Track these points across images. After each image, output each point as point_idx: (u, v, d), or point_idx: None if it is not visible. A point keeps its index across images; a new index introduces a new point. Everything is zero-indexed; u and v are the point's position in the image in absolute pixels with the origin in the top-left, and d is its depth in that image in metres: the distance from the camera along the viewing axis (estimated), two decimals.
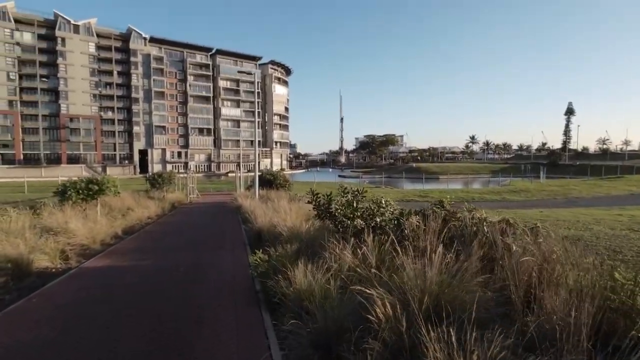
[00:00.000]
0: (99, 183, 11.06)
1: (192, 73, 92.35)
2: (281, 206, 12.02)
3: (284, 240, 7.08)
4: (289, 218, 8.64)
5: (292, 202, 13.34)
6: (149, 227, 12.29)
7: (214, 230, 11.54)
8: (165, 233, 11.18)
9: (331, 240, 5.18)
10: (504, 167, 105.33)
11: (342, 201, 5.76)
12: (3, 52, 72.07)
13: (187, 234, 10.85)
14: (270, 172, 19.71)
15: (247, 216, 11.93)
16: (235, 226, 12.31)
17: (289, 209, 10.78)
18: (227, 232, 11.05)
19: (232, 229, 11.64)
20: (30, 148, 76.58)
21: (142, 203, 15.39)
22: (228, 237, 10.23)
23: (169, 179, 21.85)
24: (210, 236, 10.48)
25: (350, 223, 5.45)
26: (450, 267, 3.82)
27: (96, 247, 8.46)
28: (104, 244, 9.10)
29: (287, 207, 11.87)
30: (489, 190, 37.11)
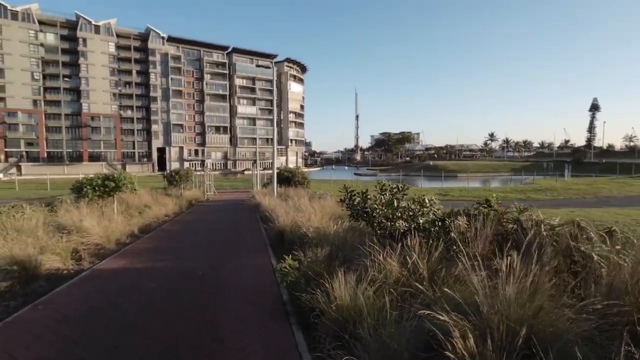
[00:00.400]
0: (116, 180, 10.69)
1: (209, 71, 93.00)
2: (302, 204, 11.37)
3: (310, 242, 6.43)
4: (313, 217, 7.98)
5: (313, 200, 12.68)
6: (166, 226, 11.87)
7: (232, 229, 10.99)
8: (182, 232, 10.70)
9: (369, 244, 4.49)
10: (525, 165, 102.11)
11: (381, 200, 5.04)
12: (27, 53, 74.19)
13: (205, 233, 10.34)
14: (288, 169, 19.15)
15: (266, 215, 11.34)
16: (255, 225, 11.74)
17: (311, 208, 10.13)
18: (246, 232, 10.48)
19: (251, 228, 11.07)
20: (54, 146, 78.74)
21: (160, 200, 15.05)
22: (248, 237, 9.65)
23: (186, 176, 21.59)
24: (229, 236, 9.93)
25: (390, 225, 4.74)
26: (522, 281, 3.05)
27: (111, 247, 8.02)
28: (119, 243, 8.67)
29: (308, 205, 11.21)
30: (512, 189, 35.53)
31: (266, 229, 9.85)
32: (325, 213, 8.71)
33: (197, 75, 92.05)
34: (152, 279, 5.83)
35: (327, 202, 12.00)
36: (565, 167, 60.11)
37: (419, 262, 3.79)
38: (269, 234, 9.27)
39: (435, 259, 4.01)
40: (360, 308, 3.11)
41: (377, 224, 4.83)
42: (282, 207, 11.15)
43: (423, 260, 3.88)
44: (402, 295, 3.42)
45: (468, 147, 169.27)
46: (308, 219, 7.87)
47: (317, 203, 11.62)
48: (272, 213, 10.81)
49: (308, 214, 8.84)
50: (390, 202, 4.92)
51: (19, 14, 72.69)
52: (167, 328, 3.98)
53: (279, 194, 17.23)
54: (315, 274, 4.24)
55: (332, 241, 5.68)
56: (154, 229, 11.05)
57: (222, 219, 13.56)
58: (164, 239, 9.46)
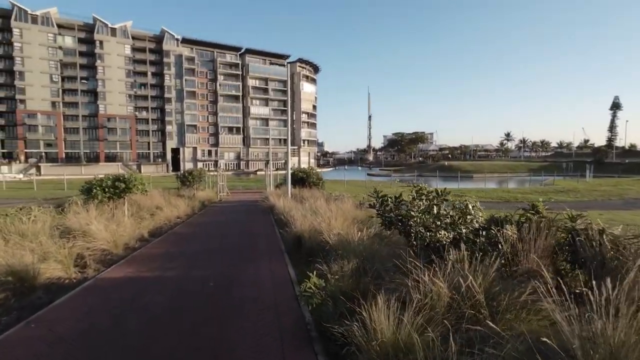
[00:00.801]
0: (126, 181, 10.28)
1: (222, 72, 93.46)
2: (319, 207, 10.74)
3: (331, 251, 5.79)
4: (333, 222, 7.33)
5: (330, 202, 12.04)
6: (178, 229, 11.40)
7: (246, 233, 10.43)
8: (194, 236, 10.20)
9: (406, 258, 3.82)
10: (543, 165, 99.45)
11: (419, 205, 4.34)
12: (47, 56, 75.91)
13: (217, 238, 9.80)
14: (303, 170, 18.54)
15: (282, 218, 10.74)
16: (269, 229, 11.16)
17: (329, 211, 9.50)
18: (261, 236, 9.89)
19: (266, 233, 10.48)
20: (72, 147, 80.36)
21: (172, 202, 14.65)
22: (263, 243, 9.05)
23: (199, 176, 21.25)
24: (242, 240, 9.36)
25: (430, 236, 4.05)
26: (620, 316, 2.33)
27: (119, 252, 7.55)
28: (128, 247, 8.21)
29: (326, 207, 10.59)
30: (533, 190, 34.09)
31: (282, 233, 9.26)
32: (346, 217, 8.05)
33: (210, 76, 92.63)
34: (160, 291, 5.28)
35: (345, 205, 11.34)
36: (587, 167, 58.03)
37: (473, 283, 3.09)
38: (285, 238, 8.65)
39: (490, 278, 3.31)
40: (411, 346, 2.44)
41: (414, 234, 4.15)
42: (298, 209, 10.55)
43: (477, 279, 3.19)
44: (455, 326, 2.74)
45: (483, 147, 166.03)
46: (328, 224, 7.23)
47: (335, 205, 10.97)
48: (287, 216, 10.21)
49: (327, 218, 8.20)
50: (429, 209, 4.22)
51: (38, 17, 74.46)
52: (173, 354, 3.41)
53: (294, 195, 16.65)
54: (345, 295, 3.58)
55: (358, 251, 5.02)
56: (165, 232, 10.58)
57: (235, 222, 13.03)
58: (174, 244, 8.96)
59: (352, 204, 11.54)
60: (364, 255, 4.76)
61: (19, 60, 73.56)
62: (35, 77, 74.71)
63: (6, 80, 73.95)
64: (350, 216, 8.54)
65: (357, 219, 8.43)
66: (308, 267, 6.39)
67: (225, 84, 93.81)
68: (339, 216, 8.08)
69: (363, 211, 11.37)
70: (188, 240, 9.40)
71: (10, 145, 75.69)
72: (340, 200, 12.57)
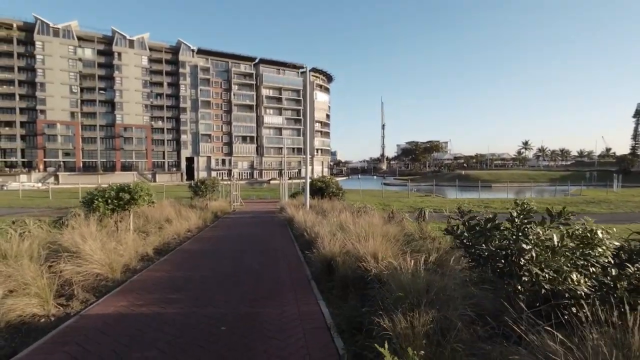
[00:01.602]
0: (131, 191, 9.19)
1: (237, 82, 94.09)
2: (345, 221, 9.41)
3: (375, 282, 4.45)
4: (371, 244, 5.97)
5: (357, 215, 10.68)
6: (187, 244, 10.21)
7: (262, 253, 9.09)
8: (204, 255, 8.95)
9: (498, 305, 2.47)
10: (564, 174, 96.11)
11: (536, 233, 2.91)
12: (67, 68, 77.77)
13: (230, 258, 8.52)
14: (322, 179, 17.20)
15: (304, 235, 9.42)
16: (289, 247, 9.82)
17: (360, 227, 8.16)
18: (280, 257, 8.55)
19: (286, 252, 9.14)
20: (89, 156, 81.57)
21: (183, 213, 13.55)
22: (284, 266, 7.69)
23: (212, 186, 20.23)
24: (259, 262, 8.02)
25: (551, 279, 2.66)
26: None
27: (115, 277, 6.36)
28: (128, 269, 7.03)
29: (351, 221, 9.25)
30: (560, 201, 31.87)
31: (306, 254, 7.94)
32: (384, 236, 6.67)
33: (225, 86, 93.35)
34: (156, 339, 4.02)
35: (373, 219, 9.95)
36: (614, 177, 55.30)
37: None
38: (309, 261, 7.31)
39: None
40: None
41: (528, 277, 2.75)
42: (322, 224, 9.24)
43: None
44: None
45: (499, 156, 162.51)
46: (365, 246, 5.88)
47: (364, 219, 9.61)
48: (310, 232, 8.90)
49: (360, 236, 6.86)
50: (557, 247, 2.77)
51: (60, 30, 76.62)
52: None
53: (312, 206, 15.36)
54: None
55: (419, 289, 3.66)
56: (172, 249, 9.39)
57: (250, 237, 11.76)
58: (180, 265, 7.73)
59: (380, 218, 10.15)
60: (433, 299, 3.40)
61: (41, 72, 75.60)
62: (55, 88, 76.55)
63: (28, 92, 75.97)
64: (393, 234, 7.16)
65: (395, 237, 7.05)
66: (344, 301, 5.03)
67: (239, 94, 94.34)
68: (377, 235, 6.71)
69: (394, 226, 9.97)
70: (197, 261, 8.16)
71: (30, 154, 77.32)
72: (367, 214, 11.19)
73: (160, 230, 10.68)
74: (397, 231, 8.42)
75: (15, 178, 71.47)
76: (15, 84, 75.13)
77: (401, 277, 4.11)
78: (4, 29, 73.27)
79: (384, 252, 5.51)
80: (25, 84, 76.39)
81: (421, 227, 8.34)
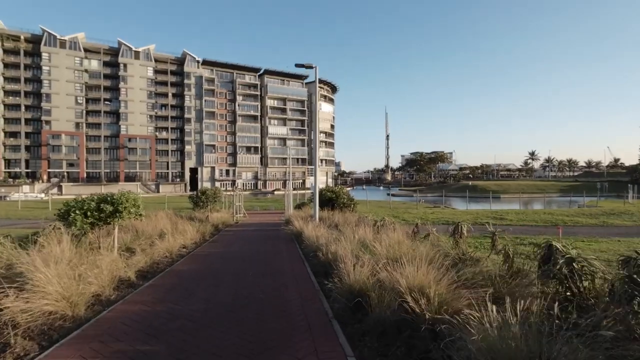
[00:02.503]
0: (114, 202, 7.81)
1: (241, 93, 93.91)
2: (366, 238, 7.93)
3: (425, 330, 2.98)
4: (411, 272, 4.48)
5: (378, 231, 9.18)
6: (179, 265, 8.72)
7: (269, 278, 7.46)
8: (198, 278, 7.43)
9: None
10: (574, 185, 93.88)
11: None
12: (73, 79, 77.98)
13: (229, 283, 6.97)
14: (331, 189, 15.66)
15: (317, 255, 7.91)
16: (299, 270, 8.22)
17: (387, 245, 6.69)
18: (289, 285, 6.87)
19: (296, 277, 7.46)
20: (93, 167, 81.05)
21: (179, 226, 12.14)
22: (295, 299, 5.98)
23: (214, 196, 18.85)
24: (264, 292, 6.40)
25: None
26: None
27: (78, 314, 4.90)
28: (99, 300, 5.58)
29: (371, 237, 7.78)
30: (578, 212, 29.97)
31: (319, 278, 6.42)
32: (424, 259, 5.17)
33: (229, 96, 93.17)
34: None
35: (397, 235, 8.45)
36: (629, 187, 53.53)
37: None
38: (327, 290, 5.78)
39: None
40: None
41: None
42: (338, 241, 7.75)
43: None
44: None
45: (505, 167, 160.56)
46: (403, 274, 4.40)
47: (386, 236, 8.11)
48: (326, 252, 7.41)
49: (390, 258, 5.39)
50: None
51: (66, 42, 77.10)
52: None
53: (322, 218, 13.87)
54: None
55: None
56: (161, 270, 7.91)
57: (253, 255, 10.24)
58: (167, 294, 6.23)
59: (404, 233, 8.63)
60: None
61: (47, 83, 75.81)
62: (61, 99, 76.62)
63: (33, 102, 76.07)
64: (419, 255, 5.66)
65: (435, 260, 5.55)
66: (385, 358, 3.54)
67: (244, 104, 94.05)
68: (408, 256, 5.22)
69: (425, 244, 8.47)
70: (188, 287, 6.66)
71: (34, 165, 76.96)
72: (385, 227, 9.67)
73: (152, 247, 9.26)
74: (433, 252, 6.91)
75: (19, 189, 70.88)
76: (21, 95, 75.34)
77: (487, 336, 2.64)
78: (12, 40, 73.84)
79: (433, 285, 4.02)
80: (31, 95, 76.57)
81: (460, 246, 6.84)
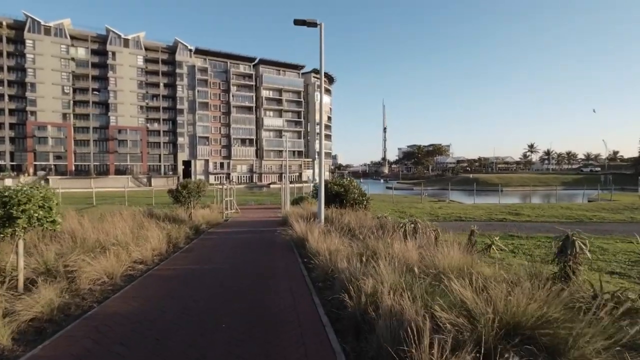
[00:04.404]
0: (7, 203, 5.08)
1: (235, 83, 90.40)
2: (409, 257, 5.31)
3: None
4: None
5: (418, 239, 6.53)
6: (116, 301, 5.51)
7: (254, 335, 4.31)
8: (126, 343, 4.18)
9: None
10: (576, 177, 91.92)
11: None
12: (59, 68, 74.18)
13: (192, 343, 4.23)
14: (339, 182, 12.79)
15: (333, 284, 5.21)
16: (308, 318, 4.76)
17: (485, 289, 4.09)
18: (293, 340, 4.19)
19: (304, 335, 4.28)
20: (82, 159, 77.72)
21: (143, 230, 9.39)
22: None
23: (197, 191, 16.11)
24: None
25: None
26: None
27: None
28: None
29: (417, 258, 5.17)
30: (598, 207, 27.54)
31: (350, 339, 3.75)
32: None
33: (223, 87, 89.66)
34: None
35: (452, 251, 5.80)
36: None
37: None
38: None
39: None
40: None
41: None
42: (371, 265, 5.11)
43: None
44: None
45: (503, 160, 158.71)
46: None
47: (438, 251, 5.47)
48: (357, 295, 4.73)
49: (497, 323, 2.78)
50: None
51: (51, 29, 73.12)
52: None
53: (327, 219, 11.17)
54: None
55: None
56: (78, 316, 5.16)
57: (233, 280, 6.77)
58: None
59: (460, 248, 5.94)
60: None
61: (31, 71, 72.01)
62: (46, 89, 72.91)
63: (17, 92, 72.34)
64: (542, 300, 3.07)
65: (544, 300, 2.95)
66: None
67: (238, 95, 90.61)
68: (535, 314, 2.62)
69: (487, 263, 5.86)
70: None
71: (19, 157, 73.51)
72: (417, 233, 6.97)
73: (91, 264, 6.50)
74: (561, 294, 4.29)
75: (4, 182, 67.54)
76: (4, 84, 71.51)
77: None
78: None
79: None
80: (15, 84, 72.76)
81: (577, 275, 4.23)
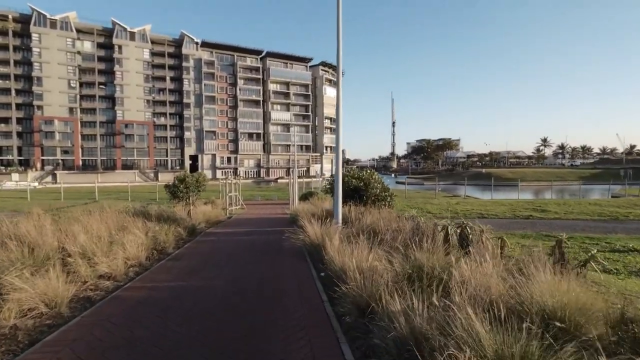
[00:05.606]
0: None
1: (242, 77, 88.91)
2: (489, 284, 3.74)
3: None
4: None
5: (477, 253, 4.90)
6: (36, 354, 3.51)
7: None
8: None
9: None
10: (594, 172, 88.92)
11: None
12: (65, 62, 73.56)
13: None
14: (358, 175, 11.06)
15: (377, 345, 3.65)
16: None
17: None
18: None
19: None
20: (89, 154, 77.35)
21: (127, 233, 7.97)
22: None
23: (197, 185, 14.71)
24: None
25: None
26: None
27: None
28: None
29: (504, 290, 3.59)
30: (629, 203, 25.22)
31: None
32: None
33: (230, 80, 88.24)
34: None
35: (545, 275, 4.17)
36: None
37: None
38: None
39: None
40: None
41: None
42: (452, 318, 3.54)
43: None
44: None
45: (514, 154, 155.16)
46: None
47: (534, 286, 3.87)
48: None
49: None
50: None
51: (57, 22, 72.40)
52: None
53: (346, 219, 9.57)
54: None
55: None
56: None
57: (231, 302, 5.19)
58: None
59: (547, 265, 4.28)
60: None
61: (37, 65, 71.50)
62: (53, 83, 72.37)
63: (24, 86, 71.99)
64: None
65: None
66: None
67: (245, 89, 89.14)
68: None
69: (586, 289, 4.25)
70: None
71: (27, 152, 73.36)
72: (477, 242, 5.35)
73: (46, 276, 5.10)
74: None
75: (11, 177, 67.42)
76: (11, 79, 71.18)
77: None
78: (0, 20, 69.34)
79: None
80: (22, 79, 72.37)
81: None
